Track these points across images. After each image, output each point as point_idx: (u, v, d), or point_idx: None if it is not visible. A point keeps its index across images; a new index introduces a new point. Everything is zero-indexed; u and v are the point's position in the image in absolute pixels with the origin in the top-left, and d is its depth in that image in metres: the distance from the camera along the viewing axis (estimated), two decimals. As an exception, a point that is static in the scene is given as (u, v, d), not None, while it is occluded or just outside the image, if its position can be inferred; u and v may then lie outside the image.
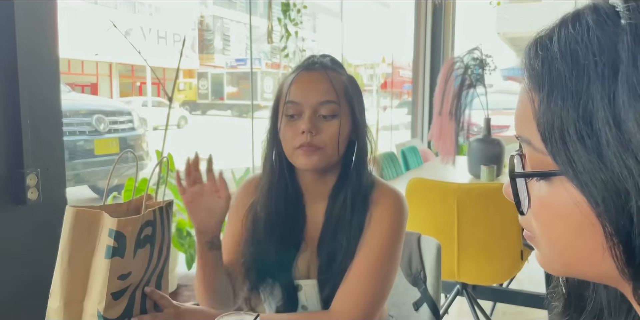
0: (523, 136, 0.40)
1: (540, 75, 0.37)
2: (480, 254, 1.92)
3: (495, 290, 2.37)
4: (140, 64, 17.51)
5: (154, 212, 0.79)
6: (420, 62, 5.43)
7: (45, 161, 1.40)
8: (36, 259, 1.38)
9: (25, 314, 1.34)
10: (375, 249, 0.94)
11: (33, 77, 1.33)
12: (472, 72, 2.81)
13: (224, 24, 21.78)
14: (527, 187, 0.40)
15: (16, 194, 1.33)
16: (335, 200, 0.98)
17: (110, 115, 4.63)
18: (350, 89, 0.98)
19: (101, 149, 4.36)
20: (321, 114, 0.93)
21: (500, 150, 2.77)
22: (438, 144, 2.94)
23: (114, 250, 0.72)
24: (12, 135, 1.32)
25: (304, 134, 0.91)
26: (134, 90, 18.31)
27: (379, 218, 0.96)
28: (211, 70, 20.49)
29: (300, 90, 0.94)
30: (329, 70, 0.96)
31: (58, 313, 0.74)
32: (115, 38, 15.97)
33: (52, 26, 1.39)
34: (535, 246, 0.42)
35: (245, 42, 22.33)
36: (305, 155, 0.92)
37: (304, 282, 0.99)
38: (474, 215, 1.89)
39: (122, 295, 0.76)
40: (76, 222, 0.74)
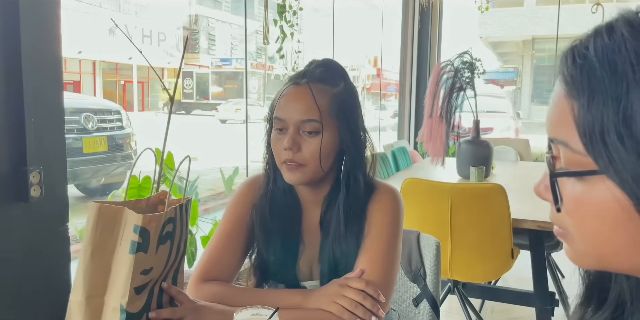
0: (559, 138, 0.43)
1: (580, 82, 0.40)
2: (473, 252, 1.97)
3: (484, 288, 2.43)
4: (124, 63, 17.36)
5: (175, 209, 0.81)
6: (407, 64, 5.50)
7: (47, 159, 1.41)
8: (39, 255, 1.39)
9: (28, 309, 1.35)
10: (376, 250, 0.97)
11: (36, 75, 1.34)
12: (462, 75, 2.87)
13: (210, 24, 21.69)
14: (558, 186, 0.43)
15: (19, 191, 1.34)
16: (328, 208, 1.01)
17: (99, 114, 4.60)
18: (338, 103, 0.97)
19: (89, 148, 4.33)
20: (305, 130, 0.95)
21: (489, 151, 2.83)
22: (428, 145, 2.99)
23: (138, 245, 0.74)
24: (16, 133, 1.32)
25: (287, 151, 0.95)
26: (117, 88, 18.12)
27: (377, 219, 0.99)
28: (196, 69, 20.39)
29: (285, 107, 0.96)
30: (317, 84, 0.96)
31: (80, 307, 0.76)
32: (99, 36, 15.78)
33: (55, 26, 1.40)
34: (567, 242, 0.46)
35: (231, 42, 22.24)
36: (289, 172, 0.96)
37: (309, 284, 1.03)
38: (467, 215, 1.94)
39: (143, 289, 0.78)
40: (99, 217, 0.75)
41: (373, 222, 0.99)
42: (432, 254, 1.33)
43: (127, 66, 17.77)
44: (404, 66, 5.48)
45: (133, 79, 17.39)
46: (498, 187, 1.91)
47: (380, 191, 1.02)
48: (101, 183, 5.15)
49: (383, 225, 0.99)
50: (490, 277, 2.22)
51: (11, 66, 1.29)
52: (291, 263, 1.02)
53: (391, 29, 5.92)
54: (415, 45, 5.47)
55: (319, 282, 1.01)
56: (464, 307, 2.17)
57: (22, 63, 1.30)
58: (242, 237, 1.04)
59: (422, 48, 5.54)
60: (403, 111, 5.55)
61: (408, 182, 1.98)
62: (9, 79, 1.29)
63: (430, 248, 1.34)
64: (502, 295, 2.41)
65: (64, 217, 1.49)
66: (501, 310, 2.74)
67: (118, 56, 16.43)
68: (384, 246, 0.97)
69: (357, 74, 17.04)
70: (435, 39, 5.69)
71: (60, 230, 1.49)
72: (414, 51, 5.48)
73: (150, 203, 0.86)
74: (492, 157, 2.88)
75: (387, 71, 11.26)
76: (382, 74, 12.33)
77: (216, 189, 5.71)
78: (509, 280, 3.13)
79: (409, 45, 5.44)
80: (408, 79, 5.52)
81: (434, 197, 1.96)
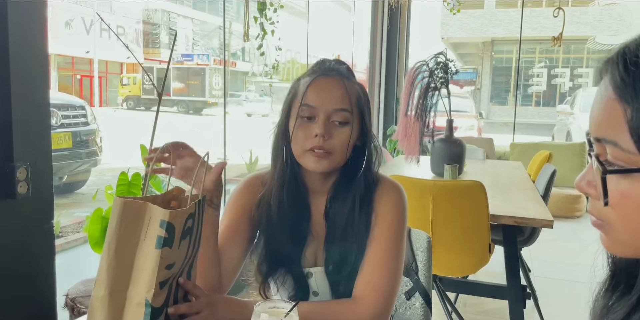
0: (607, 138, 0.47)
1: (633, 87, 0.44)
2: (452, 247, 2.04)
3: (459, 282, 2.50)
4: (80, 57, 16.82)
5: (195, 205, 0.82)
6: (377, 63, 5.56)
7: (34, 155, 1.39)
8: (26, 253, 1.36)
9: (16, 307, 1.32)
10: (385, 240, 1.01)
11: (23, 72, 1.33)
12: (436, 75, 2.94)
13: (171, 19, 21.26)
14: (606, 183, 0.47)
15: (6, 188, 1.31)
16: (334, 198, 1.04)
17: (63, 109, 4.45)
18: (363, 98, 1.03)
19: (54, 144, 4.18)
20: (334, 120, 0.98)
21: (462, 150, 2.91)
22: (403, 143, 3.05)
23: (165, 240, 0.75)
24: (2, 128, 1.29)
25: (317, 137, 0.96)
26: (73, 83, 17.55)
27: (384, 211, 1.03)
28: (157, 64, 19.97)
29: (316, 95, 0.98)
30: (344, 78, 1.01)
31: (102, 301, 0.75)
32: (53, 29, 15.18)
33: (41, 24, 1.39)
34: (605, 232, 0.50)
35: (192, 37, 21.87)
36: (316, 159, 0.97)
37: (314, 270, 1.05)
38: (448, 211, 2.00)
39: (165, 284, 0.78)
40: (124, 212, 0.75)
41: (381, 213, 1.02)
42: (423, 248, 1.37)
43: (83, 60, 17.23)
44: (373, 65, 5.55)
45: (94, 74, 16.89)
46: (478, 184, 1.97)
47: (385, 184, 1.06)
48: (63, 181, 4.99)
49: (392, 217, 1.02)
50: (469, 271, 2.29)
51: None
52: (298, 251, 1.04)
53: (360, 28, 5.98)
54: (385, 45, 5.54)
55: (323, 268, 1.04)
56: (442, 300, 2.23)
57: (10, 60, 1.29)
58: (244, 232, 1.06)
59: (390, 48, 5.62)
60: (372, 109, 5.62)
61: (391, 179, 2.02)
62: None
63: (422, 243, 1.38)
64: (477, 288, 2.49)
65: (50, 214, 1.47)
66: (474, 303, 2.83)
67: (74, 50, 15.90)
68: (393, 236, 1.01)
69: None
70: (403, 39, 5.79)
71: (46, 227, 1.46)
72: (382, 51, 5.56)
73: (165, 199, 0.87)
74: (465, 155, 2.97)
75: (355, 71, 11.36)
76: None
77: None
78: (478, 274, 3.24)
79: (378, 44, 5.51)
80: (377, 78, 5.59)
81: (416, 194, 2.01)
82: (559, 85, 19.77)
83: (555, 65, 20.00)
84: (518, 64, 13.77)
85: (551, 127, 10.93)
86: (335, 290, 1.02)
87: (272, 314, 0.80)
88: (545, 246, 3.63)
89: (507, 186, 2.70)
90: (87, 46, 15.73)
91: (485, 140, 5.07)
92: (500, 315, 2.65)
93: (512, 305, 2.23)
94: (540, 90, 20.13)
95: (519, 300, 2.20)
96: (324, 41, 8.20)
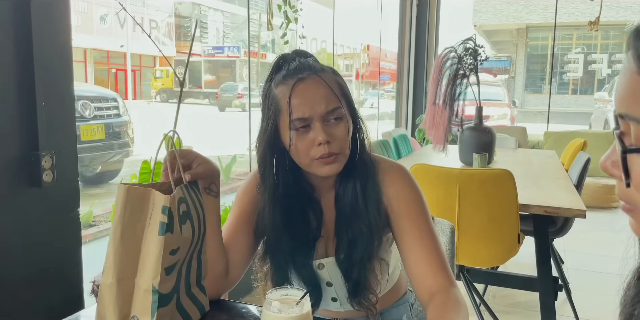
0: (631, 115, 0.43)
1: None
2: (480, 237, 1.99)
3: (489, 273, 2.45)
4: (115, 51, 17.17)
5: (182, 189, 0.81)
6: (405, 52, 5.48)
7: (59, 144, 1.41)
8: (52, 240, 1.39)
9: (41, 294, 1.35)
10: (419, 222, 0.98)
11: (47, 63, 1.35)
12: (465, 62, 2.87)
13: (202, 11, 21.46)
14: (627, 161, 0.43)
15: (32, 176, 1.33)
16: (343, 189, 1.00)
17: (96, 101, 4.56)
18: (343, 84, 0.98)
19: (87, 135, 4.30)
20: (329, 120, 0.93)
21: (491, 138, 2.84)
22: (430, 132, 2.99)
23: (167, 226, 0.74)
24: (28, 118, 1.32)
25: (321, 146, 0.92)
26: (109, 77, 17.95)
27: (400, 196, 0.99)
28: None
29: (302, 105, 0.91)
30: (318, 72, 0.94)
31: (111, 289, 0.76)
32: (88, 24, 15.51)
33: (65, 16, 1.41)
34: (633, 217, 0.46)
35: (223, 30, 22.04)
36: (326, 165, 0.93)
37: (325, 261, 1.03)
38: (475, 200, 1.95)
39: (172, 270, 0.78)
40: (128, 199, 0.75)
41: (401, 203, 0.98)
42: (446, 237, 1.34)
43: (118, 54, 17.58)
44: (402, 54, 5.46)
45: (127, 67, 17.22)
46: (506, 172, 1.92)
47: (384, 164, 1.02)
48: (97, 171, 5.12)
49: (412, 204, 0.99)
50: (497, 262, 2.24)
51: (23, 54, 1.28)
52: (312, 247, 1.02)
53: (388, 16, 5.89)
54: (413, 33, 5.45)
55: (334, 258, 1.01)
56: (469, 292, 2.19)
57: (34, 51, 1.31)
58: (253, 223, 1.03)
59: (419, 35, 5.52)
60: (400, 99, 5.54)
61: (416, 168, 1.98)
62: (20, 66, 1.29)
63: (445, 232, 1.35)
64: (506, 280, 2.43)
65: (75, 203, 1.49)
66: (504, 295, 2.78)
67: (109, 44, 16.23)
68: (426, 220, 0.99)
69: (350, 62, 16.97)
70: (433, 27, 5.67)
71: (72, 215, 1.48)
72: (411, 39, 5.46)
73: (169, 186, 0.86)
74: (495, 144, 2.89)
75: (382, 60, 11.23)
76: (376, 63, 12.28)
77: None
78: (508, 265, 3.17)
79: (407, 32, 5.42)
80: (406, 66, 5.51)
81: (442, 183, 1.97)
82: (595, 71, 19.09)
83: (593, 51, 19.33)
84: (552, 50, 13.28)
85: (588, 116, 10.57)
86: (347, 277, 1.00)
87: (283, 302, 0.79)
88: (580, 237, 3.53)
89: (538, 175, 2.63)
90: (122, 40, 16.02)
91: (518, 129, 4.94)
92: (531, 307, 2.59)
93: (543, 297, 2.17)
94: (576, 77, 19.48)
95: (549, 292, 2.14)
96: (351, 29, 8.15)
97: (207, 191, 0.93)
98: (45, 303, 1.36)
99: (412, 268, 0.96)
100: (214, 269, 0.94)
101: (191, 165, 0.89)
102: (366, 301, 0.99)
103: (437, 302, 0.90)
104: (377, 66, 11.63)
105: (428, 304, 0.92)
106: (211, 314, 0.90)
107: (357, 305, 1.00)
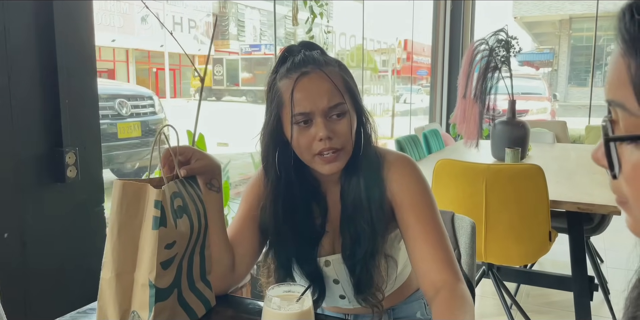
0: (616, 100, 0.40)
1: (637, 39, 0.37)
2: (508, 234, 1.93)
3: (520, 271, 2.38)
4: (156, 50, 17.57)
5: (176, 184, 0.81)
6: (439, 46, 5.38)
7: (82, 141, 1.44)
8: (75, 234, 1.42)
9: (66, 287, 1.38)
10: (424, 215, 0.95)
11: (70, 61, 1.38)
12: (497, 54, 2.78)
13: (239, 10, 21.69)
14: (617, 152, 0.40)
15: (56, 172, 1.37)
16: (348, 183, 0.98)
17: (132, 100, 4.67)
18: (347, 78, 0.95)
19: (124, 133, 4.41)
20: (331, 116, 0.92)
21: (525, 132, 2.75)
22: (461, 126, 2.92)
23: (159, 220, 0.75)
24: (52, 115, 1.35)
25: (322, 141, 0.90)
26: (150, 76, 18.40)
27: (404, 188, 0.97)
28: (226, 56, 20.48)
29: (304, 99, 0.90)
30: (322, 66, 0.93)
31: (110, 283, 0.76)
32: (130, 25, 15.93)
33: (88, 14, 1.43)
34: (626, 211, 0.42)
35: (260, 27, 22.22)
36: (328, 162, 0.92)
37: (332, 258, 1.01)
38: (503, 196, 1.89)
39: (170, 264, 0.78)
40: (123, 194, 0.75)
41: (405, 196, 0.96)
42: (467, 234, 1.30)
43: (159, 54, 17.99)
44: (436, 47, 5.37)
45: (165, 67, 17.60)
46: (535, 167, 1.85)
47: (390, 157, 1.00)
48: (135, 167, 5.25)
49: (417, 196, 0.96)
50: (527, 261, 2.17)
51: (46, 52, 1.32)
52: (317, 243, 1.00)
53: (422, 10, 5.79)
54: (447, 27, 5.34)
55: (340, 255, 0.99)
56: (498, 290, 2.13)
57: (57, 50, 1.33)
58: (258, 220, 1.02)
59: (454, 28, 5.40)
60: (435, 93, 5.45)
61: (441, 163, 1.94)
62: (43, 65, 1.32)
63: (465, 229, 1.31)
64: (539, 279, 2.36)
65: (100, 198, 1.52)
66: (537, 294, 2.69)
67: (150, 44, 16.62)
68: (431, 213, 0.96)
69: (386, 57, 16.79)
70: (468, 19, 5.54)
71: (96, 210, 1.52)
72: (446, 32, 5.36)
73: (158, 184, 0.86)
74: (529, 139, 2.80)
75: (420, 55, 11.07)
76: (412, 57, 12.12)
77: (247, 173, 5.77)
78: (545, 264, 3.07)
79: (441, 26, 5.31)
80: (440, 60, 5.41)
81: (468, 178, 1.91)
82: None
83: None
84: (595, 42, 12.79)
85: (636, 109, 10.10)
86: (353, 274, 0.98)
87: (284, 298, 0.77)
88: (622, 235, 3.37)
89: (574, 171, 2.53)
90: (161, 40, 16.37)
91: (557, 123, 4.77)
92: (566, 307, 2.50)
93: (578, 297, 2.09)
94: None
95: (584, 291, 2.06)
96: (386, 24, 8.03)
97: (209, 186, 0.93)
98: (70, 295, 1.40)
99: (417, 262, 0.94)
100: (219, 264, 0.94)
101: (189, 161, 0.89)
102: (372, 298, 0.97)
103: (441, 298, 0.88)
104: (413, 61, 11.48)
105: (433, 300, 0.90)
106: (217, 309, 0.90)
107: (363, 302, 0.98)
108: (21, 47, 1.27)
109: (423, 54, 11.08)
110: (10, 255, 1.26)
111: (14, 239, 1.27)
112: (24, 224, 1.29)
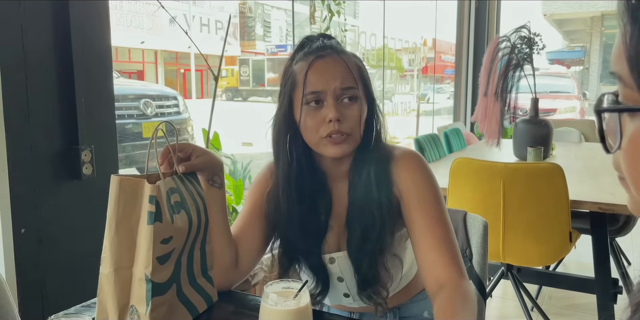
0: (616, 72, 0.38)
1: (637, 8, 0.35)
2: (527, 235, 1.88)
3: (541, 273, 2.33)
4: (183, 51, 17.83)
5: (174, 180, 0.82)
6: (464, 44, 5.30)
7: (98, 138, 1.46)
8: (90, 230, 1.45)
9: (82, 281, 1.41)
10: (429, 209, 0.94)
11: (86, 61, 1.40)
12: (519, 51, 2.73)
13: (265, 11, 21.83)
14: (620, 125, 0.38)
15: (72, 169, 1.40)
16: (357, 177, 0.97)
17: (157, 100, 4.74)
18: (363, 68, 0.97)
19: (149, 132, 4.48)
20: (342, 99, 0.92)
21: (548, 131, 2.69)
22: (483, 125, 2.88)
23: (155, 215, 0.75)
24: (68, 113, 1.38)
25: (331, 123, 0.90)
26: (177, 77, 18.67)
27: (410, 183, 0.96)
28: (252, 57, 20.64)
29: (318, 79, 0.91)
30: (340, 53, 0.95)
31: (109, 278, 0.77)
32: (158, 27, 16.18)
33: (104, 16, 1.46)
34: (626, 189, 0.40)
35: (286, 28, 22.32)
36: (334, 145, 0.92)
37: (337, 255, 1.00)
38: (521, 196, 1.85)
39: (167, 259, 0.78)
40: (120, 190, 0.76)
41: (412, 191, 0.95)
42: (479, 233, 1.28)
43: (186, 55, 18.24)
44: (460, 47, 5.29)
45: (191, 68, 17.85)
46: (554, 166, 1.80)
47: (399, 153, 0.99)
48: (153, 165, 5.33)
49: (424, 192, 0.95)
50: (547, 261, 2.12)
51: (62, 52, 1.35)
52: (319, 240, 0.99)
53: (446, 7, 5.72)
54: (472, 25, 5.26)
55: (346, 252, 0.98)
56: (517, 292, 2.09)
57: (73, 50, 1.36)
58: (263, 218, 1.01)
59: (479, 27, 5.32)
60: (459, 92, 5.38)
61: (458, 162, 1.91)
62: (60, 64, 1.35)
63: (477, 228, 1.29)
64: (561, 281, 2.30)
65: (116, 195, 1.55)
66: (560, 297, 2.62)
67: (178, 45, 16.87)
68: (438, 208, 0.95)
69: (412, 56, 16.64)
70: (493, 17, 5.45)
71: (112, 207, 1.54)
72: (470, 30, 5.28)
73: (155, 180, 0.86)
74: (552, 138, 2.74)
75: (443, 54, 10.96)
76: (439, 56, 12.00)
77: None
78: (570, 266, 3.00)
79: (465, 25, 5.24)
80: (464, 59, 5.33)
81: (485, 178, 1.88)
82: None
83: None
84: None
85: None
86: (358, 271, 0.97)
87: (282, 295, 0.77)
88: (651, 238, 3.28)
89: (598, 170, 2.46)
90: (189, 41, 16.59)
91: (585, 122, 4.65)
92: (589, 310, 2.43)
93: (601, 300, 2.03)
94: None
95: (607, 294, 2.00)
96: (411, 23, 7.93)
97: (211, 183, 0.94)
98: (82, 287, 1.42)
99: (421, 257, 0.93)
100: (222, 260, 0.94)
101: (190, 157, 0.90)
102: (376, 295, 0.96)
103: (443, 296, 0.87)
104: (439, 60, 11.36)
105: (435, 297, 0.88)
106: (218, 304, 0.91)
107: (367, 299, 0.97)
108: (38, 46, 1.30)
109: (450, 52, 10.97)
110: (28, 250, 1.30)
111: (30, 234, 1.30)
112: (40, 220, 1.32)
